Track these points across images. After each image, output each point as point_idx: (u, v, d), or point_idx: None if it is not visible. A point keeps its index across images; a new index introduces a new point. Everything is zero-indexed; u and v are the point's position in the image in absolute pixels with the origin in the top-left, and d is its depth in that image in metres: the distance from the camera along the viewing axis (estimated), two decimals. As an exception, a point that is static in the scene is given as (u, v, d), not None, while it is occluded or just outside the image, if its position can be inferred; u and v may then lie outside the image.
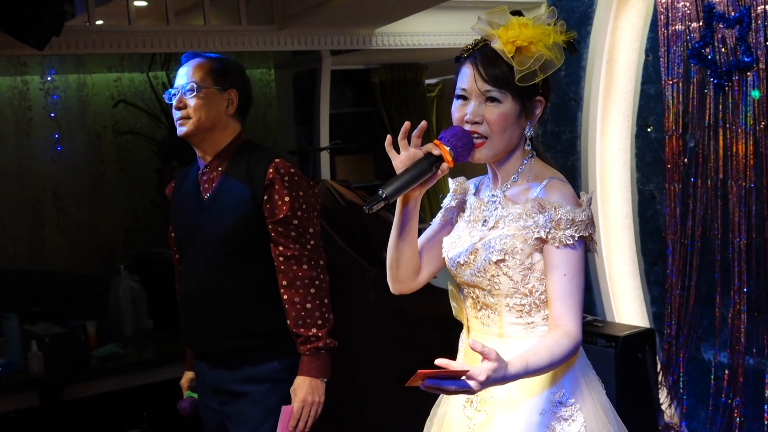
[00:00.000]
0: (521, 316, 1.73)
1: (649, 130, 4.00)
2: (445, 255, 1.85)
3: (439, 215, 1.95)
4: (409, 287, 1.91)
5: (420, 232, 1.91)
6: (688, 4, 3.62)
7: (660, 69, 3.80)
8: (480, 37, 1.73)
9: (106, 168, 4.95)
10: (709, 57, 3.55)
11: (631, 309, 4.17)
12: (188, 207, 2.52)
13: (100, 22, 3.57)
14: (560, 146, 4.38)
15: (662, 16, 3.74)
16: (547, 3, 4.31)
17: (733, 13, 3.43)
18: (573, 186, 1.76)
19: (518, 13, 1.72)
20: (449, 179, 1.96)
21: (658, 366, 3.93)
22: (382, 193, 1.63)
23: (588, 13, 4.13)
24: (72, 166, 4.84)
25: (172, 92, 2.46)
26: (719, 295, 3.65)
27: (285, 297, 2.39)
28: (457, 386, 1.45)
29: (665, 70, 3.77)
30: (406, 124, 1.72)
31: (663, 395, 3.93)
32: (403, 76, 5.44)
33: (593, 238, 1.70)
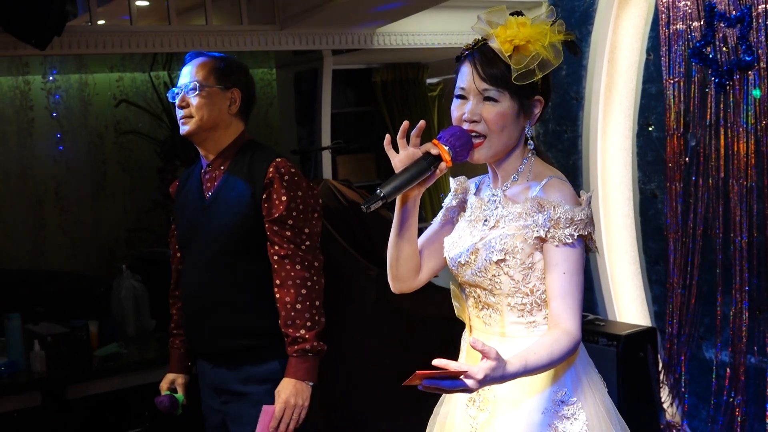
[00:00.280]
0: (523, 316, 1.74)
1: (650, 129, 3.99)
2: (446, 255, 1.85)
3: (440, 214, 1.95)
4: (409, 286, 1.91)
5: (421, 231, 1.91)
6: (689, 3, 3.62)
7: (661, 68, 3.80)
8: (480, 37, 1.73)
9: (107, 168, 4.95)
10: (711, 56, 3.55)
11: (632, 308, 4.17)
12: (191, 205, 2.52)
13: (101, 22, 3.58)
14: (561, 145, 4.38)
15: (663, 16, 3.74)
16: (548, 2, 4.30)
17: (734, 12, 3.43)
18: (574, 185, 1.76)
19: (518, 13, 1.72)
20: (450, 178, 1.96)
21: (660, 365, 3.93)
22: (380, 192, 1.63)
23: (589, 13, 4.13)
24: (74, 165, 4.85)
25: (175, 91, 2.46)
26: (720, 293, 3.65)
27: (277, 296, 2.38)
28: (455, 385, 1.45)
29: (666, 69, 3.77)
30: (405, 124, 1.72)
31: (664, 394, 3.93)
32: (404, 76, 5.44)
33: (592, 237, 1.70)
